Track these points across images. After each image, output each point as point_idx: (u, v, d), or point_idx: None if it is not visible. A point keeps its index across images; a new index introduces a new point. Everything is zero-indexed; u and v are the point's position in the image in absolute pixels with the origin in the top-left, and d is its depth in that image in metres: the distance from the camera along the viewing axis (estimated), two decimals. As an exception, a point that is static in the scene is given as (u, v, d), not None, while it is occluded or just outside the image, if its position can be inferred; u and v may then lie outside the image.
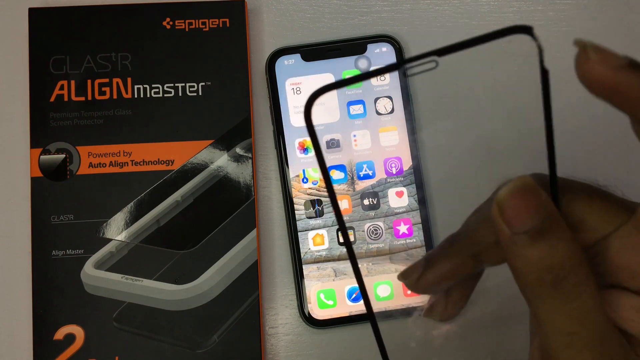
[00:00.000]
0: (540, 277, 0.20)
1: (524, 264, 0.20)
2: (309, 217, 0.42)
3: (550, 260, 0.20)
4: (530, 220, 0.20)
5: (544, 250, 0.20)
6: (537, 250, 0.20)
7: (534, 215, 0.20)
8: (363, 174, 0.43)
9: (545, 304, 0.21)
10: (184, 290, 0.40)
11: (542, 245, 0.20)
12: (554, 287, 0.20)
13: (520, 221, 0.20)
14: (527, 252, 0.20)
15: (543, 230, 0.20)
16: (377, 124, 0.43)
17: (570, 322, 0.20)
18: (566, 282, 0.20)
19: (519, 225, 0.20)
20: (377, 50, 0.44)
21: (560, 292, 0.20)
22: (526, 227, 0.20)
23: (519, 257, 0.20)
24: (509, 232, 0.20)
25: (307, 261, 0.42)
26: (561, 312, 0.20)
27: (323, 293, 0.41)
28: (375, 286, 0.41)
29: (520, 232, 0.20)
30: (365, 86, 0.43)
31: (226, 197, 0.42)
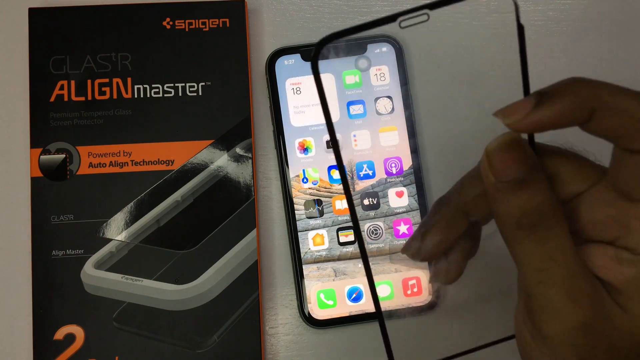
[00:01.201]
0: (518, 220, 0.23)
1: (505, 209, 0.23)
2: (309, 217, 0.42)
3: (528, 206, 0.23)
4: (515, 170, 0.22)
5: (523, 197, 0.23)
6: (518, 197, 0.23)
7: (518, 167, 0.22)
8: (363, 174, 0.43)
9: (521, 245, 0.23)
10: (184, 290, 0.40)
11: (522, 193, 0.23)
12: (530, 229, 0.23)
13: (505, 171, 0.23)
14: (509, 199, 0.23)
15: (525, 181, 0.22)
16: (377, 124, 0.43)
17: (542, 260, 0.23)
18: (541, 226, 0.23)
19: (504, 175, 0.23)
20: (377, 50, 0.44)
21: (535, 234, 0.23)
22: (510, 176, 0.23)
23: (502, 203, 0.23)
24: (495, 181, 0.23)
25: (307, 261, 0.42)
26: (535, 252, 0.23)
27: (323, 293, 0.41)
28: (375, 286, 0.41)
29: (505, 181, 0.23)
30: (365, 86, 0.43)
31: (226, 197, 0.42)
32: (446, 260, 0.27)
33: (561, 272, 0.23)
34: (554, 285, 0.23)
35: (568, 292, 0.23)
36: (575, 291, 0.23)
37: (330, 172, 0.43)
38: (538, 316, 0.24)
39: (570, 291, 0.23)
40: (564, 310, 0.23)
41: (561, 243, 0.23)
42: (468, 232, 0.27)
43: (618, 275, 0.24)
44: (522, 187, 0.23)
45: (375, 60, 0.44)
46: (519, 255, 0.24)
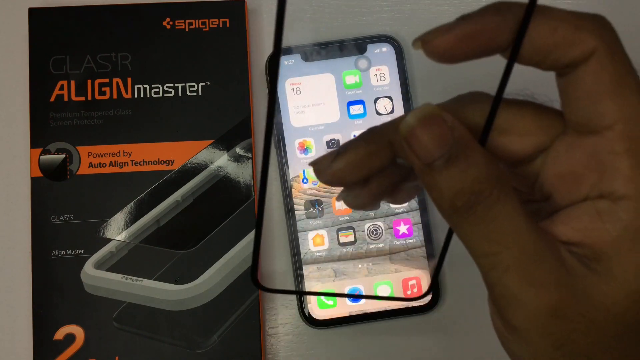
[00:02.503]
0: (452, 203, 0.20)
1: (437, 192, 0.20)
2: (309, 217, 0.42)
3: (459, 185, 0.20)
4: (437, 149, 0.20)
5: (453, 176, 0.20)
6: (447, 177, 0.20)
7: (440, 144, 0.20)
8: (363, 174, 0.43)
9: (462, 229, 0.21)
10: (184, 290, 0.40)
11: (451, 172, 0.20)
12: (467, 211, 0.20)
13: (426, 152, 0.20)
14: (437, 181, 0.20)
15: (451, 157, 0.20)
16: (377, 124, 0.43)
17: (489, 244, 0.20)
18: (479, 206, 0.20)
19: (426, 156, 0.20)
20: (377, 50, 0.44)
21: (474, 216, 0.20)
22: (434, 157, 0.20)
23: (432, 186, 0.20)
24: (419, 163, 0.20)
25: (307, 261, 0.42)
26: (479, 236, 0.20)
27: (323, 293, 0.41)
28: (375, 286, 0.41)
29: (430, 162, 0.20)
30: (365, 86, 0.43)
31: (226, 197, 0.42)
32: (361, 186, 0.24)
33: (513, 255, 0.20)
34: (507, 270, 0.20)
35: (525, 277, 0.20)
36: (534, 274, 0.20)
37: (330, 172, 0.43)
38: (501, 306, 0.21)
39: (528, 275, 0.20)
40: (524, 297, 0.20)
41: (508, 221, 0.20)
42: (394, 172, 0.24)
43: (602, 236, 0.21)
44: (449, 166, 0.20)
45: (375, 60, 0.44)
46: (464, 241, 0.21)
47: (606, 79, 0.20)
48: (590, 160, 0.21)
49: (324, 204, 0.42)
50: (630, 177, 0.20)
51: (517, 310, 0.20)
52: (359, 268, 0.42)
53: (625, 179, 0.20)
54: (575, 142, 0.21)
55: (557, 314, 0.20)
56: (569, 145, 0.22)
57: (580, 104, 0.21)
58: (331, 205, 0.42)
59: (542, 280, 0.20)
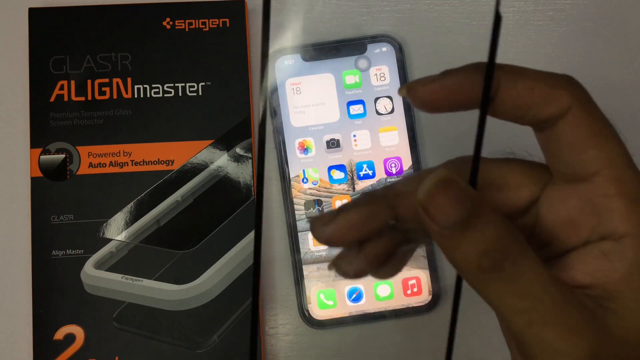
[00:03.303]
0: (479, 264, 0.20)
1: (460, 256, 0.20)
2: (309, 217, 0.42)
3: (484, 246, 0.20)
4: (455, 213, 0.20)
5: (476, 237, 0.20)
6: (469, 240, 0.20)
7: (457, 208, 0.20)
8: (363, 174, 0.43)
9: (492, 289, 0.21)
10: (184, 290, 0.40)
11: (472, 234, 0.20)
12: (495, 270, 0.20)
13: (445, 217, 0.20)
14: (461, 244, 0.20)
15: (470, 218, 0.20)
16: (377, 124, 0.43)
17: (522, 299, 0.20)
18: (506, 262, 0.20)
19: (445, 221, 0.20)
20: (377, 50, 0.44)
21: (503, 273, 0.20)
22: (453, 220, 0.20)
23: (454, 251, 0.20)
24: (438, 228, 0.20)
25: (307, 261, 0.42)
26: (510, 293, 0.20)
27: (323, 293, 0.41)
28: (375, 286, 0.41)
29: (449, 226, 0.20)
30: (365, 86, 0.43)
31: (226, 197, 0.42)
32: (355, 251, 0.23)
33: (547, 306, 0.20)
34: (545, 324, 0.20)
35: (563, 326, 0.20)
36: (569, 322, 0.20)
37: (331, 172, 0.43)
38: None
39: (567, 322, 0.20)
40: (567, 346, 0.20)
41: (534, 273, 0.20)
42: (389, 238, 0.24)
43: (612, 275, 0.21)
44: (470, 227, 0.20)
45: (375, 60, 0.44)
46: (494, 303, 0.21)
47: (585, 130, 0.22)
48: (585, 205, 0.22)
49: (324, 204, 0.42)
50: (627, 216, 0.21)
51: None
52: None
53: (623, 218, 0.22)
54: (566, 191, 0.23)
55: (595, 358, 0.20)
56: (562, 194, 0.23)
57: (563, 156, 0.22)
58: (331, 205, 0.42)
59: (577, 327, 0.20)
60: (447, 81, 0.22)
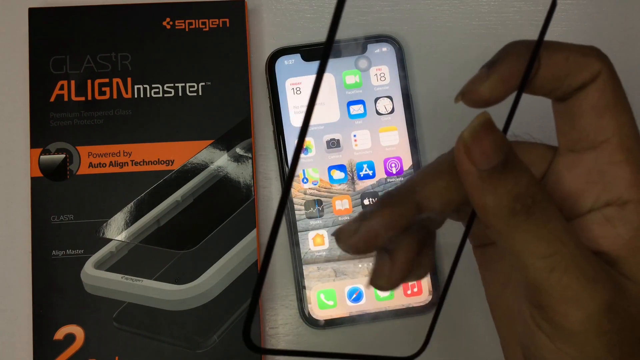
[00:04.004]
0: (512, 208, 0.21)
1: (494, 199, 0.21)
2: (309, 217, 0.42)
3: (517, 190, 0.21)
4: (496, 156, 0.20)
5: (511, 182, 0.21)
6: (506, 183, 0.21)
7: (498, 151, 0.20)
8: (363, 174, 0.43)
9: (521, 234, 0.21)
10: (184, 290, 0.40)
11: (509, 177, 0.21)
12: (526, 214, 0.21)
13: (486, 158, 0.20)
14: (496, 187, 0.21)
15: (507, 164, 0.21)
16: (377, 124, 0.43)
17: (549, 244, 0.21)
18: (536, 207, 0.21)
19: (486, 162, 0.20)
20: (377, 50, 0.44)
21: (533, 217, 0.21)
22: (493, 163, 0.20)
23: (489, 193, 0.21)
24: (477, 171, 0.21)
25: (307, 261, 0.42)
26: (539, 237, 0.21)
27: (323, 293, 0.41)
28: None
29: (488, 168, 0.21)
30: (365, 86, 0.43)
31: (226, 197, 0.42)
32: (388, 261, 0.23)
33: (572, 253, 0.21)
34: (567, 269, 0.21)
35: (585, 273, 0.21)
36: (591, 270, 0.21)
37: (331, 172, 0.43)
38: (557, 310, 0.21)
39: (587, 271, 0.21)
40: (585, 294, 0.21)
41: (560, 221, 0.21)
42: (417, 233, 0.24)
43: (615, 241, 0.22)
44: (507, 171, 0.21)
45: (375, 60, 0.44)
46: (520, 246, 0.21)
47: (610, 95, 0.23)
48: (591, 173, 0.23)
49: (324, 203, 0.42)
50: (633, 182, 0.22)
51: (577, 310, 0.21)
52: (359, 268, 0.42)
53: (629, 184, 0.22)
54: (573, 160, 0.24)
55: (611, 311, 0.21)
56: (568, 163, 0.24)
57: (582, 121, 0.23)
58: (331, 205, 0.42)
59: (598, 275, 0.21)
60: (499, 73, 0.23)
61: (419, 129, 0.44)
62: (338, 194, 0.42)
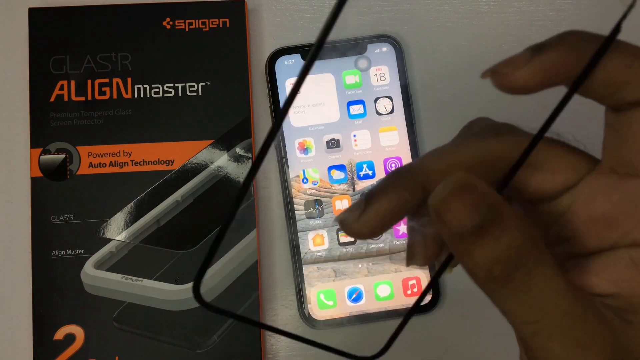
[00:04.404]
0: (488, 273, 0.19)
1: (470, 263, 0.19)
2: (309, 217, 0.42)
3: (495, 254, 0.19)
4: (469, 219, 0.18)
5: (487, 245, 0.19)
6: (481, 247, 0.19)
7: (472, 214, 0.18)
8: (363, 174, 0.43)
9: (500, 298, 0.19)
10: (184, 290, 0.40)
11: (485, 242, 0.19)
12: (505, 280, 0.19)
13: (458, 223, 0.19)
14: (471, 250, 0.19)
15: (485, 225, 0.19)
16: (377, 124, 0.43)
17: (530, 311, 0.19)
18: (517, 273, 0.19)
19: (458, 227, 0.19)
20: (377, 50, 0.44)
21: (514, 284, 0.19)
22: (466, 227, 0.19)
23: (465, 256, 0.19)
24: (450, 233, 0.19)
25: (307, 261, 0.42)
26: (519, 303, 0.19)
27: (323, 293, 0.41)
28: (375, 286, 0.41)
29: (462, 233, 0.19)
30: (365, 86, 0.43)
31: (226, 197, 0.42)
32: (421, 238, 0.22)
33: (556, 320, 0.19)
34: (551, 337, 0.19)
35: (571, 341, 0.19)
36: (579, 337, 0.19)
37: (331, 173, 0.43)
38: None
39: (573, 339, 0.19)
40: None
41: (548, 285, 0.19)
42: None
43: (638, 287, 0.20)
44: (482, 235, 0.19)
45: (375, 60, 0.44)
46: (501, 309, 0.20)
47: None
48: (628, 203, 0.21)
49: (324, 204, 0.42)
50: None
51: None
52: (359, 268, 0.42)
53: None
54: (611, 183, 0.21)
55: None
56: (605, 186, 0.21)
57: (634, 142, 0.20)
58: (331, 205, 0.42)
59: (587, 343, 0.19)
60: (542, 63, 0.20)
61: (419, 129, 0.44)
62: (338, 194, 0.42)
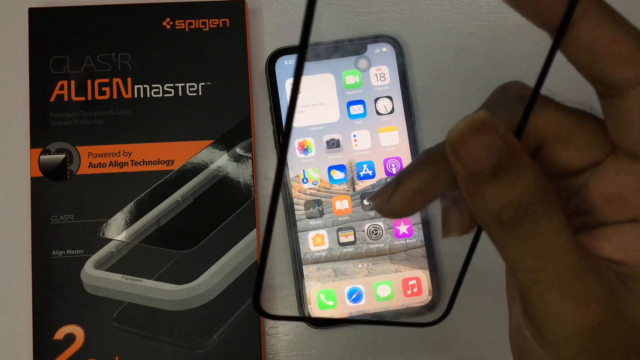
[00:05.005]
0: (498, 216, 0.19)
1: (481, 204, 0.19)
2: (309, 217, 0.42)
3: (507, 198, 0.19)
4: (486, 159, 0.19)
5: (501, 188, 0.19)
6: (494, 189, 0.19)
7: (489, 154, 0.19)
8: (363, 174, 0.43)
9: (506, 243, 0.20)
10: (184, 290, 0.40)
11: (499, 184, 0.19)
12: (513, 225, 0.19)
13: (474, 161, 0.19)
14: (484, 192, 0.19)
15: (500, 168, 0.19)
16: (377, 124, 0.43)
17: (533, 259, 0.19)
18: (526, 220, 0.19)
19: (473, 166, 0.19)
20: (377, 50, 0.44)
21: (521, 230, 0.19)
22: (481, 166, 0.19)
23: (476, 197, 0.19)
24: (465, 172, 0.19)
25: (307, 261, 0.42)
26: (523, 250, 0.20)
27: (323, 293, 0.41)
28: (375, 286, 0.41)
29: (476, 172, 0.19)
30: (365, 86, 0.43)
31: (226, 197, 0.42)
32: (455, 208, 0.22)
33: (558, 271, 0.19)
34: (550, 287, 0.20)
35: (568, 294, 0.19)
36: (577, 291, 0.20)
37: (331, 173, 0.43)
38: (539, 321, 0.20)
39: (571, 292, 0.20)
40: (566, 314, 0.20)
41: (554, 237, 0.19)
42: None
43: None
44: (497, 177, 0.19)
45: (375, 60, 0.44)
46: (505, 255, 0.20)
47: None
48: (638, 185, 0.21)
49: (324, 204, 0.42)
50: None
51: (557, 326, 0.20)
52: (359, 268, 0.42)
53: None
54: (625, 165, 0.21)
55: (596, 333, 0.20)
56: (621, 167, 0.21)
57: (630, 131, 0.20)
58: (331, 205, 0.42)
59: (584, 298, 0.20)
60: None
61: (419, 129, 0.44)
62: (338, 194, 0.42)
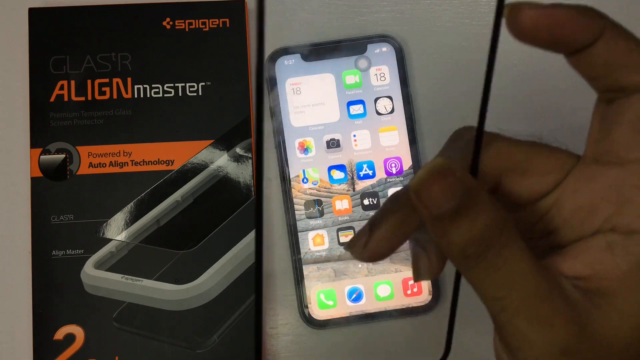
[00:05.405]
0: (463, 251, 0.21)
1: (446, 242, 0.21)
2: (309, 217, 0.42)
3: (469, 234, 0.20)
4: (446, 202, 0.20)
5: (463, 226, 0.20)
6: (457, 228, 0.20)
7: (448, 197, 0.20)
8: (363, 174, 0.43)
9: (474, 275, 0.21)
10: (184, 290, 0.40)
11: (461, 222, 0.20)
12: (477, 258, 0.21)
13: (436, 205, 0.20)
14: (448, 230, 0.20)
15: (460, 208, 0.20)
16: (377, 124, 0.43)
17: (498, 288, 0.21)
18: (488, 252, 0.20)
19: (436, 208, 0.20)
20: (377, 50, 0.44)
21: (485, 262, 0.21)
22: (443, 208, 0.20)
23: (442, 236, 0.21)
24: (429, 214, 0.20)
25: (307, 261, 0.42)
26: (489, 281, 0.21)
27: (323, 293, 0.41)
28: (375, 286, 0.41)
29: (440, 214, 0.20)
30: (365, 86, 0.43)
31: (226, 197, 0.42)
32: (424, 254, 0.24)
33: (521, 297, 0.20)
34: (516, 313, 0.21)
35: (534, 317, 0.20)
36: (541, 314, 0.20)
37: (331, 172, 0.43)
38: (511, 345, 0.21)
39: (536, 315, 0.20)
40: (535, 337, 0.20)
41: (515, 265, 0.21)
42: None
43: (611, 271, 0.21)
44: (458, 216, 0.20)
45: (375, 60, 0.44)
46: (474, 286, 0.21)
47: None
48: (609, 191, 0.22)
49: (324, 203, 0.42)
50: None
51: (527, 349, 0.21)
52: (359, 268, 0.42)
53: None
54: (594, 172, 0.22)
55: (566, 353, 0.20)
56: (589, 175, 0.22)
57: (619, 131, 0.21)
58: (331, 205, 0.42)
59: (550, 320, 0.20)
60: (557, 11, 0.21)
61: (419, 129, 0.44)
62: (338, 194, 0.42)
